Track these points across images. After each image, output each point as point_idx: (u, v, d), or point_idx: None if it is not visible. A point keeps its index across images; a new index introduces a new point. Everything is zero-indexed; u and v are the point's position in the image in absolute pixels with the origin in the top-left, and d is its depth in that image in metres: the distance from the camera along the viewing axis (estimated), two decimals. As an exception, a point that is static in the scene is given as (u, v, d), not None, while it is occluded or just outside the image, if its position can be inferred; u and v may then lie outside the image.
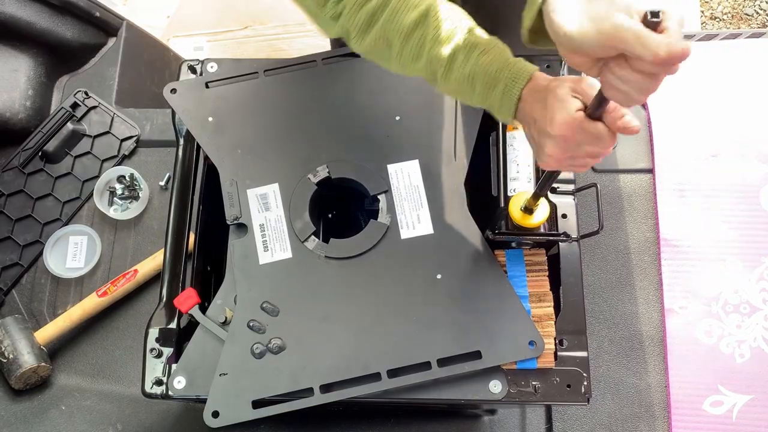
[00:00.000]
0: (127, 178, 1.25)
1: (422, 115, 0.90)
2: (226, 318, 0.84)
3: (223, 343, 0.81)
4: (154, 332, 0.85)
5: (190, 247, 0.90)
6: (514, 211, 0.79)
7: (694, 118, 1.25)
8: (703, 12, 2.02)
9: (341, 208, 1.00)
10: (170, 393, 0.81)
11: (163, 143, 1.29)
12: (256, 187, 0.88)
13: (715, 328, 1.14)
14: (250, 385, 0.80)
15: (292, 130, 0.91)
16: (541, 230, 0.81)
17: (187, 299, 0.84)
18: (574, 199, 0.85)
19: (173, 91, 0.93)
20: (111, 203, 1.25)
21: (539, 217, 0.78)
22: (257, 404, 0.79)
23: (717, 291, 1.16)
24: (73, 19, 1.32)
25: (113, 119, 1.31)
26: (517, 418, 1.09)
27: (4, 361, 1.10)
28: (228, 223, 0.87)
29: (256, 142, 0.90)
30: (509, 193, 0.84)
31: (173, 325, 0.85)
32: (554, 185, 0.84)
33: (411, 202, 0.87)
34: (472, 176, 0.88)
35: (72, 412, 1.12)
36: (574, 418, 1.11)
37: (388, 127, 0.90)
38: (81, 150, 1.29)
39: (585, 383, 0.80)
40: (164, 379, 0.83)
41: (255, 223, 0.87)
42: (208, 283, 0.94)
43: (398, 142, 0.89)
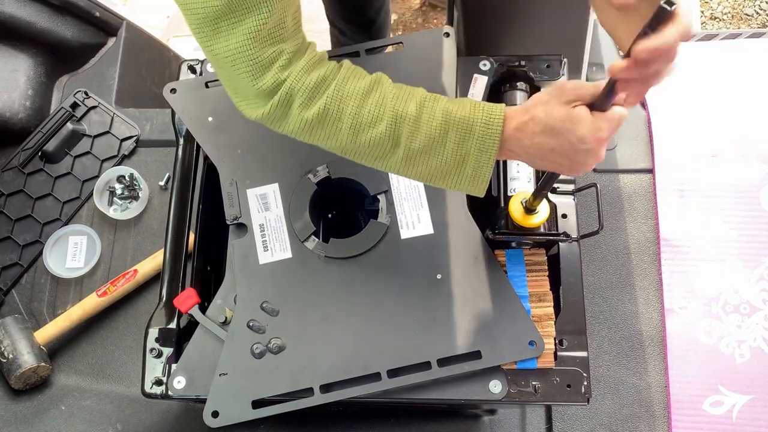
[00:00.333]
0: (127, 178, 1.25)
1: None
2: (226, 318, 0.84)
3: (223, 343, 0.81)
4: (154, 332, 0.85)
5: (190, 247, 0.90)
6: (514, 211, 0.78)
7: (694, 118, 1.25)
8: (703, 12, 2.02)
9: (341, 208, 1.00)
10: (170, 393, 0.81)
11: (163, 143, 1.29)
12: (255, 187, 0.88)
13: (715, 328, 1.14)
14: (250, 385, 0.79)
15: (292, 130, 0.90)
16: (541, 230, 0.81)
17: (187, 299, 0.84)
18: (574, 199, 0.85)
19: (173, 91, 0.93)
20: (111, 203, 1.25)
21: (539, 217, 0.78)
22: (257, 404, 0.79)
23: (717, 291, 1.16)
24: (73, 19, 1.32)
25: (113, 119, 1.31)
26: (517, 418, 1.09)
27: (4, 361, 1.09)
28: (228, 223, 0.87)
29: (256, 141, 0.90)
30: (509, 193, 0.84)
31: (173, 325, 0.85)
32: (554, 185, 0.84)
33: (411, 202, 0.87)
34: (472, 176, 0.88)
35: (72, 412, 1.12)
36: (574, 418, 1.11)
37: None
38: (81, 150, 1.29)
39: (585, 383, 0.80)
40: (164, 379, 0.83)
41: (255, 223, 0.87)
42: (208, 283, 0.94)
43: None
